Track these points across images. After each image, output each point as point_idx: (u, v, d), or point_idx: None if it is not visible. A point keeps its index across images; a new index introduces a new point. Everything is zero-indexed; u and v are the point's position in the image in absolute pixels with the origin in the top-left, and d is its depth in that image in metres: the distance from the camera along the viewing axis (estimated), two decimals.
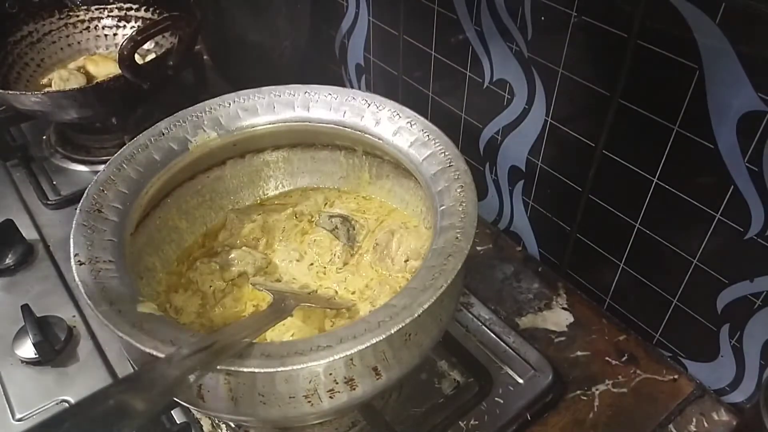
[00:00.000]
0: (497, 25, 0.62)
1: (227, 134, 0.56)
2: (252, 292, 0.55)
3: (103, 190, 0.50)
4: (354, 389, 0.42)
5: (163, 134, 0.55)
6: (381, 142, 0.54)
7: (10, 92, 0.77)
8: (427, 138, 0.52)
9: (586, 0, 0.53)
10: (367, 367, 0.42)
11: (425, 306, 0.39)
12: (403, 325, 0.38)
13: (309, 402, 0.42)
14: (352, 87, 0.92)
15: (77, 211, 0.48)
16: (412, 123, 0.53)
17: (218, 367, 0.37)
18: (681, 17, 0.46)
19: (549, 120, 0.62)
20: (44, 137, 0.94)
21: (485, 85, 0.67)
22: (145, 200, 0.52)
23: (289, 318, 0.47)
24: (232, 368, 0.37)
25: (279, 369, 0.37)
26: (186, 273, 0.57)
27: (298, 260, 0.58)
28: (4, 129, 0.91)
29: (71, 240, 0.46)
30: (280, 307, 0.46)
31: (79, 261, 0.44)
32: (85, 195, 0.49)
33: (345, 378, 0.42)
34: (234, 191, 0.63)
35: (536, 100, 0.63)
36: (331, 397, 0.42)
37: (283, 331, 0.50)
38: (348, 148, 0.61)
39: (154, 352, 0.37)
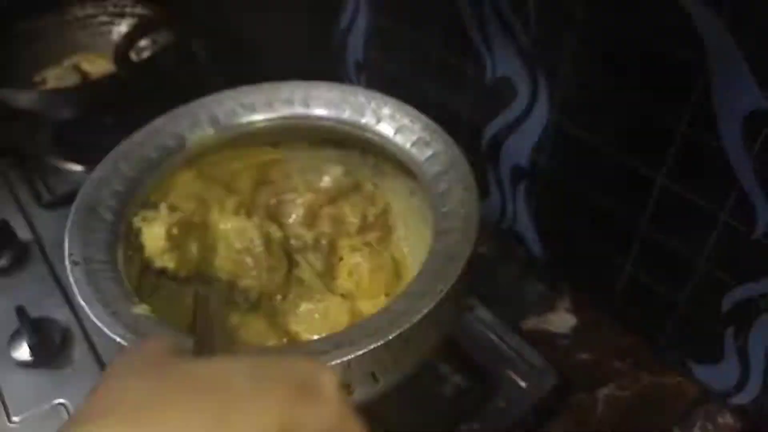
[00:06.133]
0: (500, 21, 0.62)
1: (224, 131, 0.55)
2: None
3: (98, 189, 0.49)
4: (351, 394, 0.41)
5: (159, 131, 0.54)
6: (382, 140, 0.53)
7: (4, 90, 0.76)
8: (429, 137, 0.51)
9: None
10: (364, 372, 0.41)
11: (424, 312, 0.38)
12: (401, 331, 0.38)
13: None
14: (350, 84, 0.91)
15: (72, 210, 0.47)
16: (414, 121, 0.53)
17: None
18: (686, 15, 0.45)
19: (552, 118, 0.62)
20: (38, 136, 0.93)
21: (487, 83, 0.67)
22: (141, 198, 0.51)
23: None
24: None
25: None
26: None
27: None
28: None
29: (66, 239, 0.45)
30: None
31: (73, 261, 0.44)
32: (80, 194, 0.49)
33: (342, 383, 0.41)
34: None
35: (539, 98, 0.62)
36: None
37: None
38: (348, 145, 0.60)
39: None
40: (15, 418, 0.58)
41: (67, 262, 0.43)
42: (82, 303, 0.40)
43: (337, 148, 0.61)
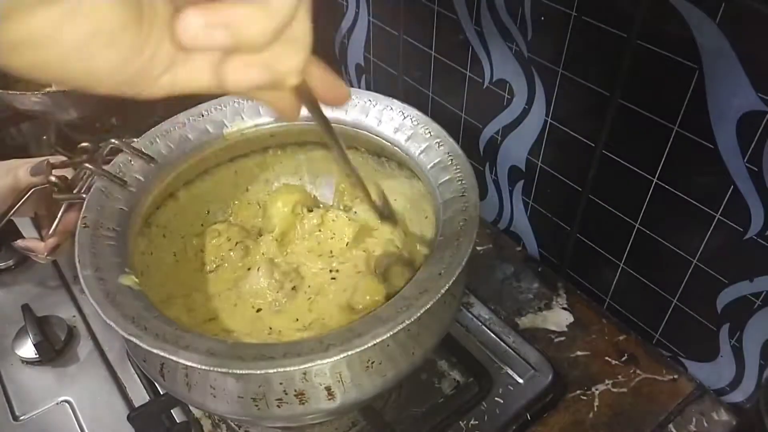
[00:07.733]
0: (497, 25, 0.62)
1: (264, 124, 0.55)
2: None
3: (130, 160, 0.50)
4: (303, 404, 0.41)
5: (203, 115, 0.54)
6: (399, 150, 0.53)
7: (10, 92, 0.77)
8: (446, 156, 0.51)
9: (586, 0, 0.53)
10: (320, 385, 0.41)
11: (377, 340, 0.36)
12: (348, 354, 0.36)
13: (256, 406, 0.41)
14: (351, 87, 0.92)
15: (99, 176, 0.48)
16: (432, 132, 0.52)
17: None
18: (681, 17, 0.46)
19: (549, 120, 0.62)
20: (44, 137, 0.93)
21: (485, 85, 0.67)
22: (170, 176, 0.52)
23: None
24: (172, 357, 0.36)
25: (213, 369, 0.35)
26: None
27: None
28: (4, 129, 0.91)
29: (85, 203, 0.46)
30: None
31: (84, 224, 0.45)
32: (112, 163, 0.49)
33: (296, 391, 0.41)
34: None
35: (536, 100, 0.63)
36: (278, 406, 0.41)
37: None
38: (372, 152, 0.60)
39: (114, 326, 0.37)
40: (20, 416, 0.58)
41: (78, 224, 0.45)
42: (77, 263, 0.41)
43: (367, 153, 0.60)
